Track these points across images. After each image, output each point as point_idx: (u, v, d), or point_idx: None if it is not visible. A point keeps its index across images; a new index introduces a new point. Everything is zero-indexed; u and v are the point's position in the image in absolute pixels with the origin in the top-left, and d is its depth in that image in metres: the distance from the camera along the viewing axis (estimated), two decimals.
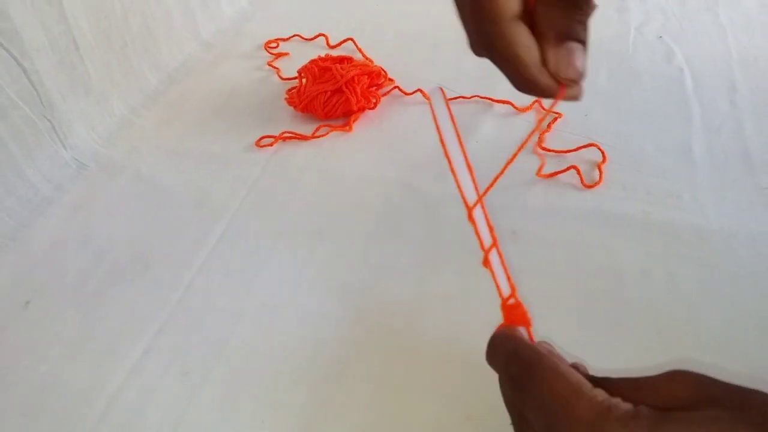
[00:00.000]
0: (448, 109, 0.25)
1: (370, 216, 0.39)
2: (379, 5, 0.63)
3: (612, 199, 0.39)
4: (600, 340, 0.31)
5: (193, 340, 0.32)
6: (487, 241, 0.25)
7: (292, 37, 0.58)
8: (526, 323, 0.24)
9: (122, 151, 0.45)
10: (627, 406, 0.18)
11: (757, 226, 0.37)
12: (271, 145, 0.45)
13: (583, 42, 0.22)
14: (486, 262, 0.25)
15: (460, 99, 0.48)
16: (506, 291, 0.25)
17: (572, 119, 0.46)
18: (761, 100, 0.47)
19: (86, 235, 0.39)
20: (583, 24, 0.22)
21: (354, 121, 0.47)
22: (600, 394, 0.19)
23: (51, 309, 0.34)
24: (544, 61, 0.22)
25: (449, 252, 0.36)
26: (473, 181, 0.25)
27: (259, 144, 0.45)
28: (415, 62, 0.53)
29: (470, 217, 0.25)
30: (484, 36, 0.23)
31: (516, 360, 0.21)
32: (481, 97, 0.48)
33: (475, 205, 0.25)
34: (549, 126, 0.45)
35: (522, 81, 0.23)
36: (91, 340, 0.32)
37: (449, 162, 0.26)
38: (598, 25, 0.69)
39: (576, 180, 0.41)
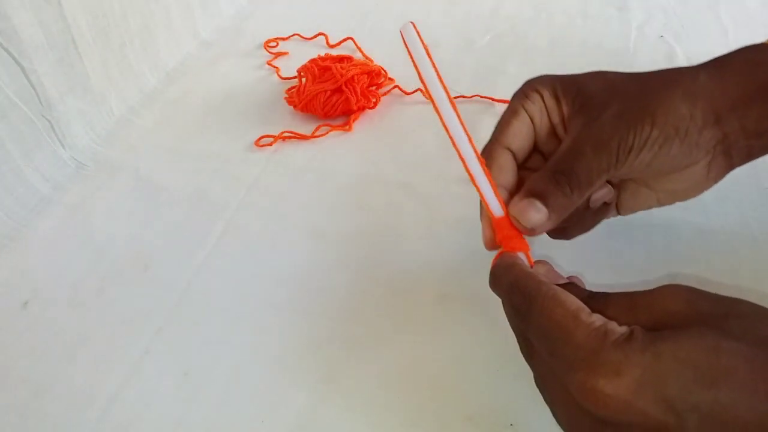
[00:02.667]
0: (423, 43, 0.26)
1: (369, 216, 0.39)
2: (379, 4, 0.63)
3: None
4: None
5: (192, 340, 0.32)
6: (470, 156, 0.26)
7: (292, 36, 0.57)
8: (519, 239, 0.25)
9: (121, 150, 0.45)
10: (622, 329, 0.20)
11: (758, 226, 0.37)
12: (270, 144, 0.45)
13: (549, 208, 0.25)
14: (471, 178, 0.26)
15: (461, 98, 0.47)
16: (496, 209, 0.26)
17: None
18: None
19: (85, 235, 0.38)
20: (557, 197, 0.25)
21: (354, 121, 0.46)
22: (597, 319, 0.20)
23: (50, 309, 0.34)
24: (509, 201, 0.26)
25: (449, 252, 0.36)
26: (453, 105, 0.26)
27: (258, 143, 0.45)
28: None
29: (452, 142, 0.26)
30: (484, 149, 0.28)
31: (517, 290, 0.23)
32: (482, 97, 0.48)
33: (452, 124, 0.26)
34: None
35: (481, 205, 0.27)
36: (90, 341, 0.32)
37: (429, 95, 0.26)
38: (598, 23, 0.69)
39: None
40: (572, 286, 0.23)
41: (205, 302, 0.34)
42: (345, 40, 0.56)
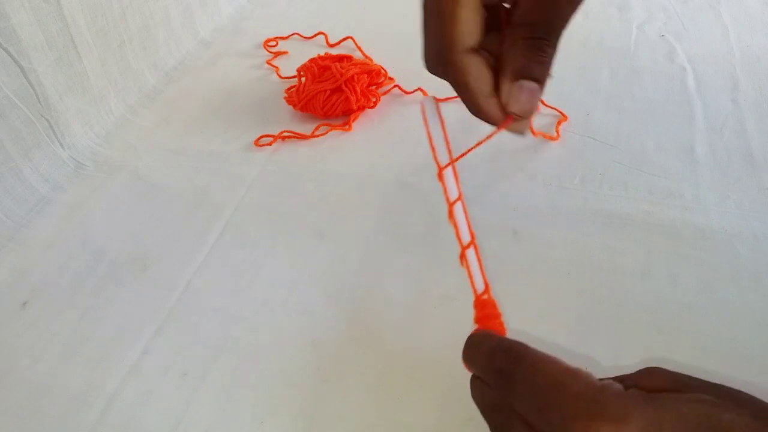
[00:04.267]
0: (441, 119, 0.26)
1: (369, 216, 0.39)
2: (379, 3, 0.62)
3: (613, 198, 0.39)
4: (601, 339, 0.31)
5: (192, 341, 0.32)
6: (465, 238, 0.26)
7: (292, 35, 0.57)
8: (498, 321, 0.25)
9: (120, 150, 0.45)
10: (619, 385, 0.19)
11: (759, 225, 0.37)
12: (270, 144, 0.45)
13: (539, 81, 0.23)
14: (462, 259, 0.26)
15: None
16: (480, 288, 0.26)
17: (573, 118, 0.46)
18: (764, 99, 0.47)
19: (84, 235, 0.38)
20: (543, 65, 0.23)
21: (354, 120, 0.46)
22: (591, 375, 0.19)
23: (49, 309, 0.34)
24: (497, 92, 0.23)
25: (449, 252, 0.36)
26: (457, 183, 0.26)
27: (257, 143, 0.45)
28: (415, 61, 0.52)
29: (450, 215, 0.26)
30: (438, 60, 0.24)
31: (501, 352, 0.21)
32: None
33: (454, 202, 0.26)
34: (557, 132, 0.45)
35: (470, 106, 0.25)
36: (89, 341, 0.32)
37: (438, 166, 0.26)
38: (599, 23, 0.69)
39: (576, 179, 0.41)
40: None
41: (205, 302, 0.34)
42: (345, 39, 0.55)
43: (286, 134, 0.45)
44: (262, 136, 0.45)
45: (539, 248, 0.36)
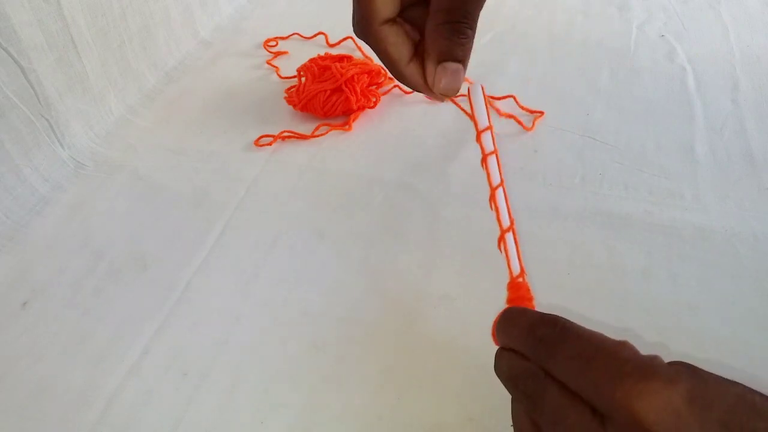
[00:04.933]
0: (487, 106, 0.27)
1: (369, 216, 0.39)
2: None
3: (613, 198, 0.39)
4: None
5: (192, 340, 0.32)
6: (505, 222, 0.27)
7: (292, 35, 0.57)
8: (531, 304, 0.25)
9: (120, 150, 0.45)
10: (662, 360, 0.19)
11: (759, 225, 0.37)
12: (270, 144, 0.45)
13: (461, 61, 0.25)
14: (501, 241, 0.27)
15: (461, 97, 0.47)
16: (516, 270, 0.27)
17: (573, 118, 0.46)
18: (764, 99, 0.47)
19: (84, 235, 0.38)
20: (463, 46, 0.24)
21: (354, 120, 0.46)
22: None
23: (49, 309, 0.34)
24: (414, 61, 0.26)
25: (449, 252, 0.36)
26: (500, 169, 0.27)
27: (257, 143, 0.45)
28: None
29: (492, 199, 0.27)
30: (362, 30, 0.27)
31: (545, 323, 0.22)
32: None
33: (497, 187, 0.27)
34: (533, 124, 0.45)
35: (392, 72, 0.27)
36: (89, 341, 0.32)
37: (482, 150, 0.27)
38: (599, 23, 0.69)
39: (576, 179, 0.41)
40: None
41: (205, 302, 0.34)
42: (345, 39, 0.55)
43: (286, 134, 0.45)
44: (262, 136, 0.45)
45: (539, 248, 0.36)
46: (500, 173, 0.27)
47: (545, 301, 0.33)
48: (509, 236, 0.27)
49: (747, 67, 0.51)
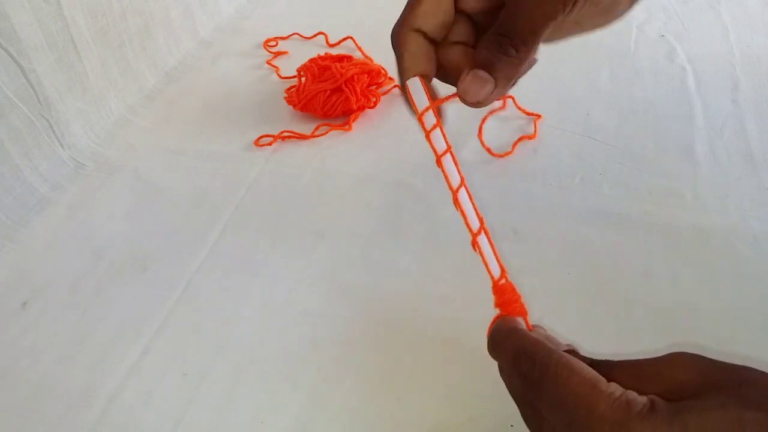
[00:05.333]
0: (429, 98, 0.25)
1: (369, 216, 0.39)
2: (379, 3, 0.62)
3: (613, 198, 0.39)
4: (601, 339, 0.31)
5: (192, 341, 0.32)
6: (474, 224, 0.25)
7: (292, 35, 0.57)
8: (518, 304, 0.24)
9: (120, 150, 0.45)
10: (643, 399, 0.19)
11: (759, 225, 0.37)
12: (270, 144, 0.45)
13: (495, 75, 0.24)
14: (474, 245, 0.25)
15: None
16: (496, 273, 0.25)
17: (573, 118, 0.46)
18: (764, 99, 0.47)
19: (84, 235, 0.38)
20: (502, 62, 0.24)
21: (353, 120, 0.46)
22: (616, 389, 0.19)
23: (49, 309, 0.34)
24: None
25: (449, 252, 0.36)
26: (457, 167, 0.25)
27: (258, 143, 0.45)
28: None
29: (455, 202, 0.25)
30: (393, 30, 0.26)
31: (526, 357, 0.21)
32: None
33: (458, 188, 0.25)
34: (534, 130, 0.44)
35: (398, 78, 0.26)
36: (89, 341, 0.32)
37: (434, 151, 0.26)
38: None
39: (576, 179, 0.41)
40: (574, 353, 0.22)
41: (205, 302, 0.34)
42: (345, 39, 0.55)
43: (286, 134, 0.45)
44: (262, 136, 0.45)
45: (539, 248, 0.36)
46: (459, 172, 0.25)
47: (545, 301, 0.33)
48: (482, 238, 0.25)
49: (747, 67, 0.51)
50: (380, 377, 0.30)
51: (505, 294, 0.25)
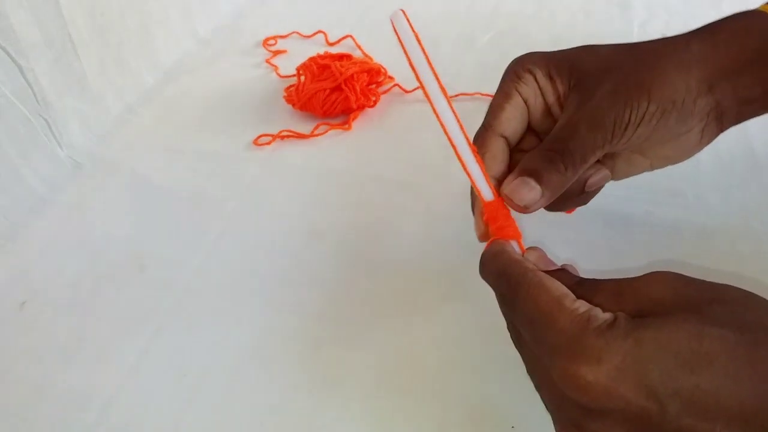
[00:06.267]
0: (414, 32, 0.26)
1: (369, 215, 0.39)
2: (379, 2, 0.62)
3: (615, 198, 0.39)
4: None
5: (190, 342, 0.32)
6: (459, 141, 0.26)
7: (291, 34, 0.57)
8: (511, 228, 0.25)
9: (118, 149, 0.45)
10: (606, 316, 0.20)
11: (761, 226, 0.37)
12: (269, 143, 0.45)
13: (542, 184, 0.25)
14: (462, 164, 0.26)
15: (461, 96, 0.47)
16: (486, 194, 0.25)
17: None
18: None
19: (82, 235, 0.38)
20: (551, 173, 0.25)
21: (353, 120, 0.46)
22: (581, 305, 0.20)
23: (47, 310, 0.34)
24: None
25: (449, 252, 0.36)
26: (444, 92, 0.26)
27: (257, 142, 0.45)
28: None
29: (442, 128, 0.26)
30: (477, 135, 0.28)
31: (503, 278, 0.23)
32: (483, 95, 0.47)
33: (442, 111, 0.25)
34: None
35: (472, 192, 0.27)
36: (87, 342, 0.32)
37: (420, 83, 0.26)
38: (600, 22, 0.69)
39: None
40: (562, 272, 0.23)
41: (204, 302, 0.34)
42: (344, 38, 0.55)
43: (285, 133, 0.45)
44: (261, 136, 0.45)
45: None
46: (442, 88, 0.25)
47: None
48: (469, 156, 0.25)
49: None
50: (380, 377, 0.30)
51: (495, 218, 0.25)
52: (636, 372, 0.18)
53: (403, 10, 0.25)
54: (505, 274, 0.23)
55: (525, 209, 0.26)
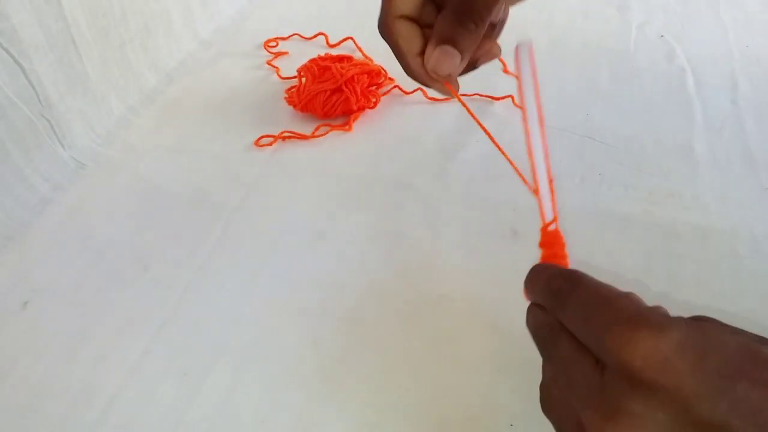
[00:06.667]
0: (533, 66, 0.27)
1: (369, 216, 0.39)
2: (379, 4, 0.62)
3: (613, 198, 0.39)
4: None
5: (192, 341, 0.32)
6: (542, 171, 0.28)
7: (292, 35, 0.57)
8: (561, 253, 0.26)
9: (121, 150, 0.45)
10: (666, 311, 0.20)
11: (758, 225, 0.37)
12: (270, 144, 0.45)
13: (459, 48, 0.26)
14: (536, 191, 0.28)
15: (461, 96, 0.47)
16: (549, 217, 0.27)
17: (573, 118, 0.46)
18: (763, 99, 0.47)
19: (85, 235, 0.38)
20: (463, 36, 0.26)
21: (354, 121, 0.46)
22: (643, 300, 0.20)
23: (49, 309, 0.34)
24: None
25: (449, 252, 0.36)
26: (542, 126, 0.27)
27: (258, 143, 0.45)
28: None
29: (529, 153, 0.27)
30: (380, 24, 0.28)
31: (560, 276, 0.23)
32: (482, 95, 0.48)
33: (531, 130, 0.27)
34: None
35: (401, 65, 0.29)
36: (89, 341, 0.32)
37: (522, 110, 0.27)
38: (599, 23, 0.69)
39: (576, 179, 0.41)
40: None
41: (205, 302, 0.34)
42: (345, 39, 0.56)
43: (286, 134, 0.45)
44: (262, 137, 0.45)
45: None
46: (542, 125, 0.27)
47: None
48: (545, 182, 0.27)
49: (746, 68, 0.51)
50: (380, 377, 0.30)
51: (553, 247, 0.27)
52: (696, 352, 0.17)
53: (531, 45, 0.27)
54: (563, 274, 0.23)
55: (449, 78, 0.27)
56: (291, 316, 0.33)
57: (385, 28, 0.28)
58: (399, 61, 0.29)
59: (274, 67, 0.53)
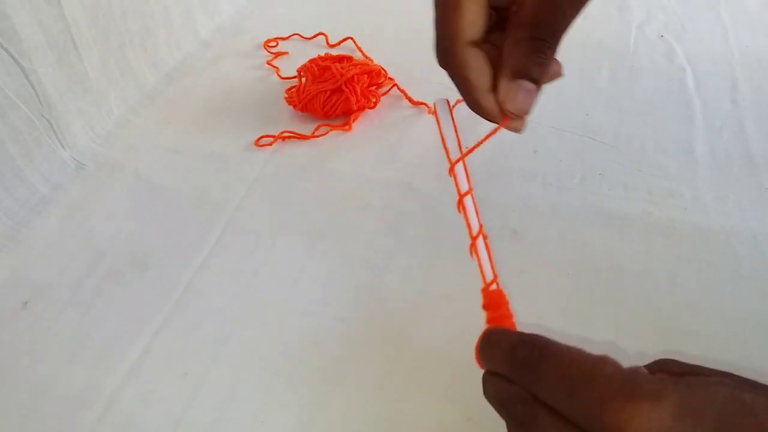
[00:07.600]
0: (452, 119, 0.26)
1: (369, 216, 0.39)
2: (379, 4, 0.62)
3: (613, 198, 0.39)
4: (600, 339, 0.31)
5: (192, 340, 0.32)
6: (475, 228, 0.26)
7: (292, 36, 0.57)
8: (509, 320, 0.25)
9: (121, 150, 0.45)
10: (645, 370, 0.19)
11: (758, 225, 0.37)
12: (270, 144, 0.45)
13: (536, 82, 0.23)
14: (473, 249, 0.26)
15: (460, 102, 0.47)
16: (490, 278, 0.26)
17: (573, 118, 0.46)
18: (763, 100, 0.47)
19: (85, 235, 0.38)
20: (541, 66, 0.23)
21: (354, 121, 0.46)
22: (618, 362, 0.19)
23: (49, 309, 0.34)
24: (494, 90, 0.24)
25: (449, 252, 0.36)
26: (468, 178, 0.26)
27: (258, 143, 0.45)
28: (415, 61, 0.52)
29: (460, 206, 0.26)
30: (442, 52, 0.24)
31: (524, 344, 0.21)
32: None
33: (464, 195, 0.26)
34: None
35: (468, 100, 0.25)
36: (89, 341, 0.32)
37: (449, 161, 0.27)
38: (599, 23, 0.69)
39: (576, 179, 0.41)
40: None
41: (205, 302, 0.34)
42: (345, 39, 0.56)
43: (286, 134, 0.45)
44: (262, 137, 0.45)
45: (539, 248, 0.36)
46: (469, 181, 0.26)
47: (545, 301, 0.33)
48: (480, 244, 0.26)
49: (746, 68, 0.51)
50: (380, 377, 0.30)
51: (498, 308, 0.25)
52: (693, 416, 0.17)
53: (447, 100, 0.26)
54: (526, 341, 0.21)
55: (526, 114, 0.23)
56: (291, 316, 0.33)
57: (452, 58, 0.23)
58: (464, 97, 0.25)
59: (274, 67, 0.53)
